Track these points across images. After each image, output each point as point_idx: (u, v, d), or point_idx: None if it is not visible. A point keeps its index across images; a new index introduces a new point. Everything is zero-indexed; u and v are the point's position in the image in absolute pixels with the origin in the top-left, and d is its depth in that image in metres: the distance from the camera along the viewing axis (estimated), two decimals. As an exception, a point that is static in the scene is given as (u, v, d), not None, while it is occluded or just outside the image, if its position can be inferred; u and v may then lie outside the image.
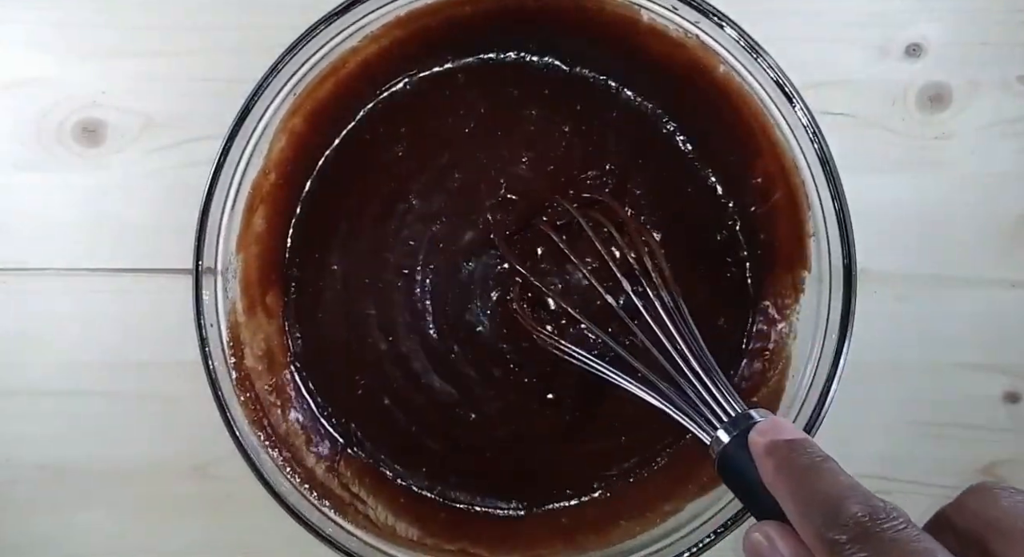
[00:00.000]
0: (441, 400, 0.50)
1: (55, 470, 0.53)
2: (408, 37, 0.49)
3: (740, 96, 0.47)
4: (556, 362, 0.48)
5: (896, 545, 0.27)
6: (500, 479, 0.51)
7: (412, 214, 0.51)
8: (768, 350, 0.49)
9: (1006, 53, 0.53)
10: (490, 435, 0.50)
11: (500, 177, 0.51)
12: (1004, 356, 0.53)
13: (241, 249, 0.48)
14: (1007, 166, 0.53)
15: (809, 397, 0.45)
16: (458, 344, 0.50)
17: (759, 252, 0.50)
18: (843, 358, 0.44)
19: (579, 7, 0.48)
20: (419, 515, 0.50)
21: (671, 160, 0.51)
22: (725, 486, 0.38)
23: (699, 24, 0.46)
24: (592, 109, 0.51)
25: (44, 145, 0.53)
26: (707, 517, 0.45)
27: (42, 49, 0.52)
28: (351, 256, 0.51)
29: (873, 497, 0.29)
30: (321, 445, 0.50)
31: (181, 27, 0.52)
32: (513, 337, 0.50)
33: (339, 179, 0.51)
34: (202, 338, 0.45)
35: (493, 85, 0.51)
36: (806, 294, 0.48)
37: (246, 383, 0.47)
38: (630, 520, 0.49)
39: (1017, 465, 0.52)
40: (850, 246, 0.44)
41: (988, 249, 0.53)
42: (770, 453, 0.33)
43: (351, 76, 0.49)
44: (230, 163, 0.45)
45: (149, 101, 0.52)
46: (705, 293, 0.50)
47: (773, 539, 0.31)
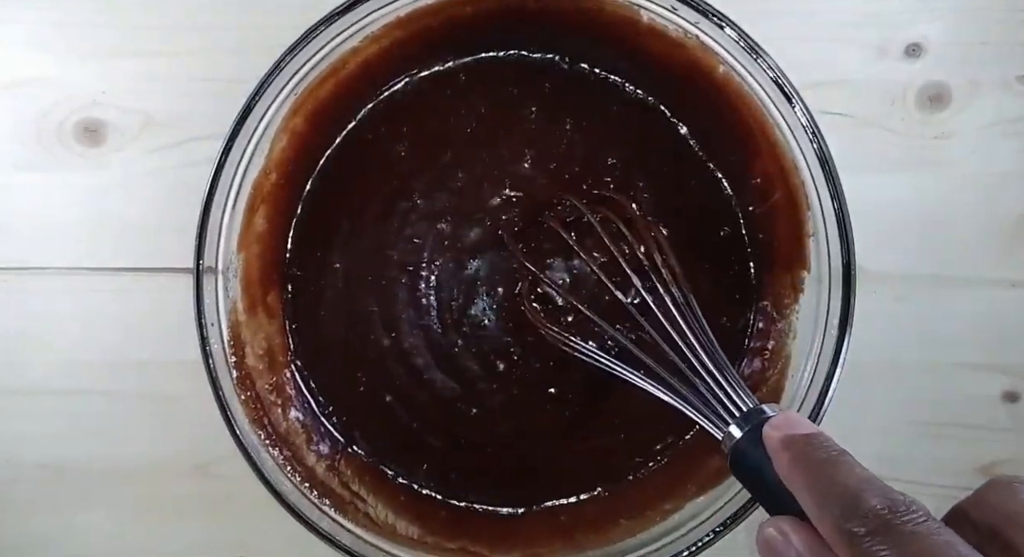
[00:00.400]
0: (443, 395, 0.51)
1: (55, 469, 0.53)
2: (409, 37, 0.49)
3: (740, 96, 0.47)
4: (560, 358, 0.48)
5: (916, 537, 0.27)
6: (501, 476, 0.51)
7: (416, 212, 0.51)
8: (767, 349, 0.50)
9: (1006, 53, 0.53)
10: (491, 431, 0.51)
11: (504, 175, 0.51)
12: (1004, 356, 0.53)
13: (242, 248, 0.48)
14: (1007, 166, 0.53)
15: (808, 396, 0.45)
16: (462, 339, 0.51)
17: (759, 251, 0.50)
18: (842, 357, 0.44)
19: (579, 8, 0.48)
20: (419, 513, 0.50)
21: (673, 155, 0.51)
22: (725, 484, 0.38)
23: (699, 24, 0.46)
24: (593, 105, 0.51)
25: (44, 145, 0.53)
26: (706, 516, 0.45)
27: (42, 49, 0.53)
28: (353, 254, 0.51)
29: (892, 490, 0.29)
30: (322, 444, 0.50)
31: (181, 27, 0.52)
32: (518, 332, 0.50)
33: (341, 178, 0.51)
34: (203, 337, 0.45)
35: (494, 84, 0.51)
36: (805, 294, 0.48)
37: (247, 382, 0.47)
38: (630, 519, 0.49)
39: (1017, 465, 0.52)
40: (850, 246, 0.44)
41: (988, 249, 0.53)
42: (786, 447, 0.33)
43: (352, 76, 0.49)
44: (231, 162, 0.45)
45: (149, 101, 0.52)
46: (707, 290, 0.50)
47: (787, 533, 0.31)
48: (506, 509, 0.51)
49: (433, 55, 0.50)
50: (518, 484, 0.51)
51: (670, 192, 0.51)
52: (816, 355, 0.46)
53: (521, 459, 0.51)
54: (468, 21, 0.48)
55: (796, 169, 0.46)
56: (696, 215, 0.51)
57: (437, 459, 0.51)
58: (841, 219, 0.44)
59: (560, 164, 0.51)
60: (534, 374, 0.50)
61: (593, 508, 0.50)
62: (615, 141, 0.51)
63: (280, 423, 0.49)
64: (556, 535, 0.49)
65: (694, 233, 0.51)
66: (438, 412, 0.51)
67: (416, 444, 0.51)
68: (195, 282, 0.45)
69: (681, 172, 0.51)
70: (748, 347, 0.50)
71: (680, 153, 0.51)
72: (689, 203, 0.51)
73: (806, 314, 0.48)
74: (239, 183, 0.46)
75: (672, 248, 0.47)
